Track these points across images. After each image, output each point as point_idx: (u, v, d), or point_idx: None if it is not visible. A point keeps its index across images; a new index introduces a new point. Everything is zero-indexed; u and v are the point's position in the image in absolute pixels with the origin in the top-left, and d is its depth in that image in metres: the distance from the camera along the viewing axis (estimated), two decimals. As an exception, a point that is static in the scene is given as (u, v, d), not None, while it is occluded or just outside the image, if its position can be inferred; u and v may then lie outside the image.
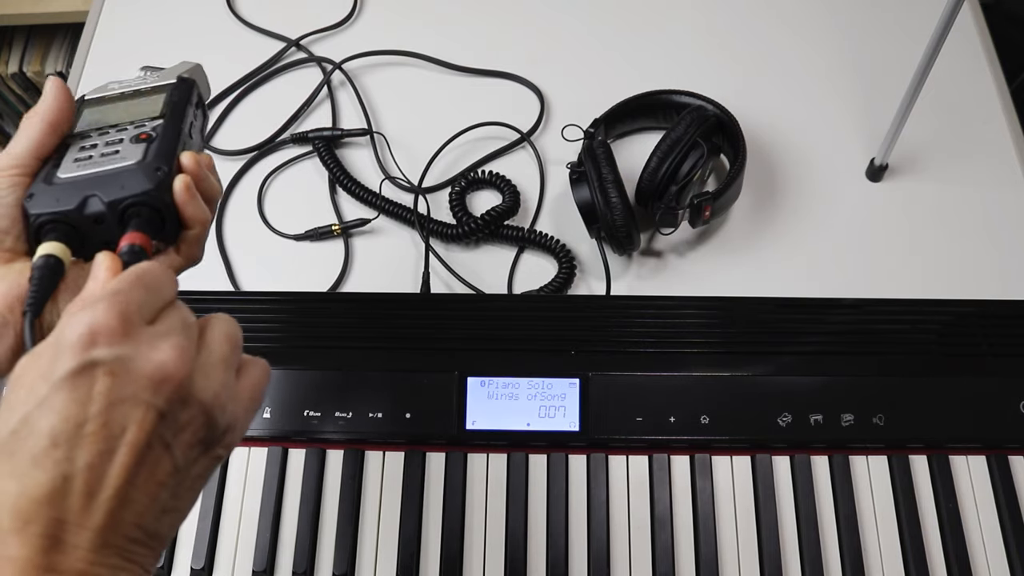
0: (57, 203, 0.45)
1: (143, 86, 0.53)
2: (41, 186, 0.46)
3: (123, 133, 0.49)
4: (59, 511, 0.33)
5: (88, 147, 0.48)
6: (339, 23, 1.02)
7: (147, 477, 0.36)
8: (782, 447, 0.69)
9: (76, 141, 0.48)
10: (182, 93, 0.52)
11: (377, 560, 0.66)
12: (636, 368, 0.70)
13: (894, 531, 0.66)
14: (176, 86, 0.53)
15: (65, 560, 0.33)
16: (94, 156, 0.47)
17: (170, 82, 0.53)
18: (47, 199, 0.45)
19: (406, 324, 0.73)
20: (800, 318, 0.74)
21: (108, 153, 0.47)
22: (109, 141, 0.48)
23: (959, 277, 0.83)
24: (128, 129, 0.49)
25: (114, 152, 0.47)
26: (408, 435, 0.69)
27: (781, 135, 0.92)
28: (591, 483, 0.68)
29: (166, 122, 0.50)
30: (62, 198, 0.45)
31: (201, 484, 0.39)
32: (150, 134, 0.48)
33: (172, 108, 0.51)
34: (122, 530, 0.35)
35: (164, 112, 0.50)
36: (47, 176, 0.46)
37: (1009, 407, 0.69)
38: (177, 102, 0.51)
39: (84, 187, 0.45)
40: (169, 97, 0.52)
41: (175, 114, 0.51)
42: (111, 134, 0.49)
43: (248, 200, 0.90)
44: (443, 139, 0.91)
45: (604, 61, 0.99)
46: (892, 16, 1.01)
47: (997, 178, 0.89)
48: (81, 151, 0.48)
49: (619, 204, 0.78)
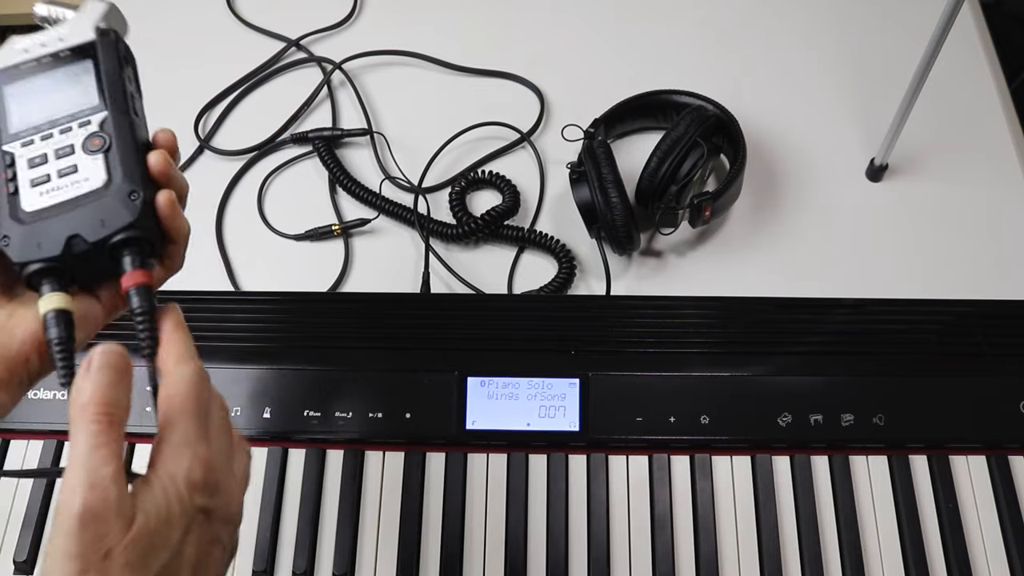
0: (40, 249, 0.43)
1: (59, 48, 0.48)
2: (11, 224, 0.44)
3: (70, 137, 0.46)
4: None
5: (38, 160, 0.45)
6: (339, 23, 1.02)
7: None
8: (782, 447, 0.69)
9: (19, 150, 0.45)
10: (110, 56, 0.48)
11: (377, 560, 0.66)
12: (636, 368, 0.70)
13: (894, 531, 0.66)
14: (102, 46, 0.48)
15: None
16: (52, 176, 0.45)
17: (89, 39, 0.48)
18: (27, 244, 0.43)
19: (406, 324, 0.73)
20: (800, 318, 0.74)
21: (66, 171, 0.45)
22: (59, 150, 0.45)
23: (959, 277, 0.83)
24: (73, 128, 0.46)
25: (72, 169, 0.45)
26: (408, 435, 0.69)
27: (781, 135, 0.92)
28: (591, 483, 0.68)
29: (113, 115, 0.46)
30: (44, 243, 0.43)
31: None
32: (103, 138, 0.45)
33: (111, 88, 0.47)
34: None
35: (103, 98, 0.46)
36: (12, 208, 0.44)
37: (1009, 407, 0.69)
38: (111, 75, 0.47)
39: (61, 226, 0.43)
40: (100, 69, 0.47)
41: (116, 98, 0.47)
42: (56, 137, 0.46)
43: (248, 200, 0.90)
44: (443, 139, 0.91)
45: (604, 61, 0.99)
46: (892, 16, 1.01)
47: (997, 178, 0.89)
48: (33, 168, 0.45)
49: (619, 204, 0.78)
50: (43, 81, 0.47)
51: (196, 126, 0.94)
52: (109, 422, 0.38)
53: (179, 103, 0.95)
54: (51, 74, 0.47)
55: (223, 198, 0.89)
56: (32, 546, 0.66)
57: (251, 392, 0.69)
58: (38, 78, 0.47)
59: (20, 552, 0.65)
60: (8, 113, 0.47)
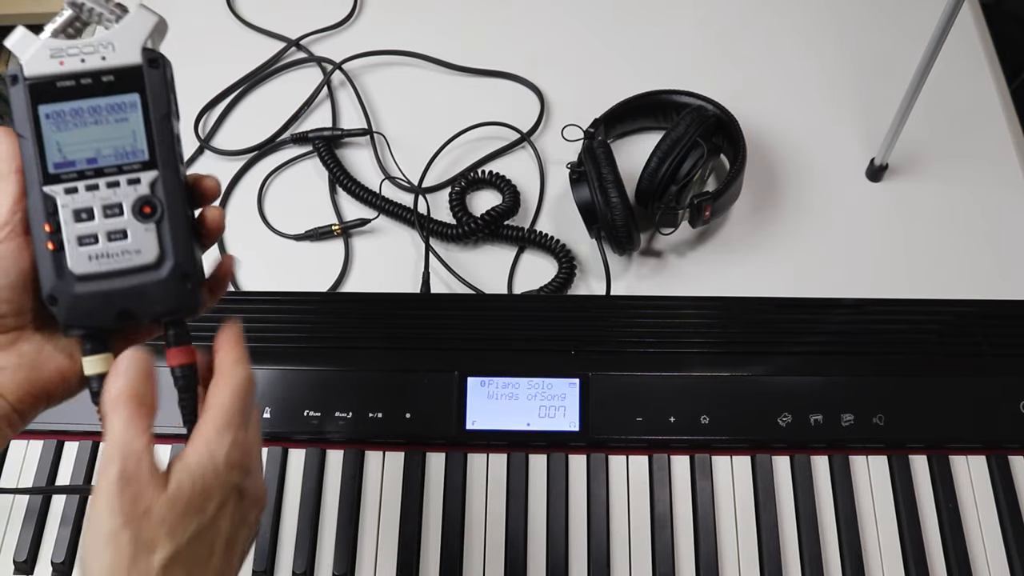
0: (91, 318, 0.44)
1: (101, 67, 0.44)
2: (58, 284, 0.43)
3: (118, 194, 0.43)
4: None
5: (84, 214, 0.43)
6: (339, 23, 1.02)
7: (239, 559, 0.45)
8: (782, 447, 0.69)
9: (62, 196, 0.43)
10: (159, 95, 0.44)
11: (377, 560, 0.66)
12: (636, 368, 0.70)
13: (894, 531, 0.66)
14: (149, 79, 0.44)
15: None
16: (100, 238, 0.43)
17: (135, 63, 0.44)
18: (76, 310, 0.43)
19: (406, 324, 0.73)
20: (800, 318, 0.74)
21: (115, 235, 0.43)
22: (107, 208, 0.43)
23: (959, 277, 0.83)
24: (121, 184, 0.44)
25: (121, 234, 0.44)
26: (408, 435, 0.69)
27: (781, 135, 0.92)
28: (591, 483, 0.68)
29: (164, 175, 0.44)
30: (94, 313, 0.43)
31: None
32: (154, 205, 0.44)
33: (160, 138, 0.44)
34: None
35: (152, 150, 0.44)
36: (58, 267, 0.43)
37: (1009, 407, 0.69)
38: (161, 122, 0.44)
39: (113, 299, 0.43)
40: (149, 112, 0.44)
41: (166, 153, 0.44)
42: (103, 191, 0.43)
43: (248, 200, 0.90)
44: (443, 139, 0.91)
45: (604, 61, 0.99)
46: (892, 16, 1.01)
47: (997, 178, 0.89)
48: (79, 223, 0.43)
49: (619, 204, 0.78)
50: (83, 108, 0.44)
51: (196, 126, 0.94)
52: (139, 405, 0.41)
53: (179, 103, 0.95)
54: (93, 102, 0.44)
55: (223, 198, 0.89)
56: (32, 546, 0.66)
57: (251, 392, 0.69)
58: (77, 103, 0.44)
59: (20, 552, 0.65)
60: (46, 141, 0.43)
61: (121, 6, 0.46)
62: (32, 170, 0.43)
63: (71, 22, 0.46)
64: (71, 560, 0.66)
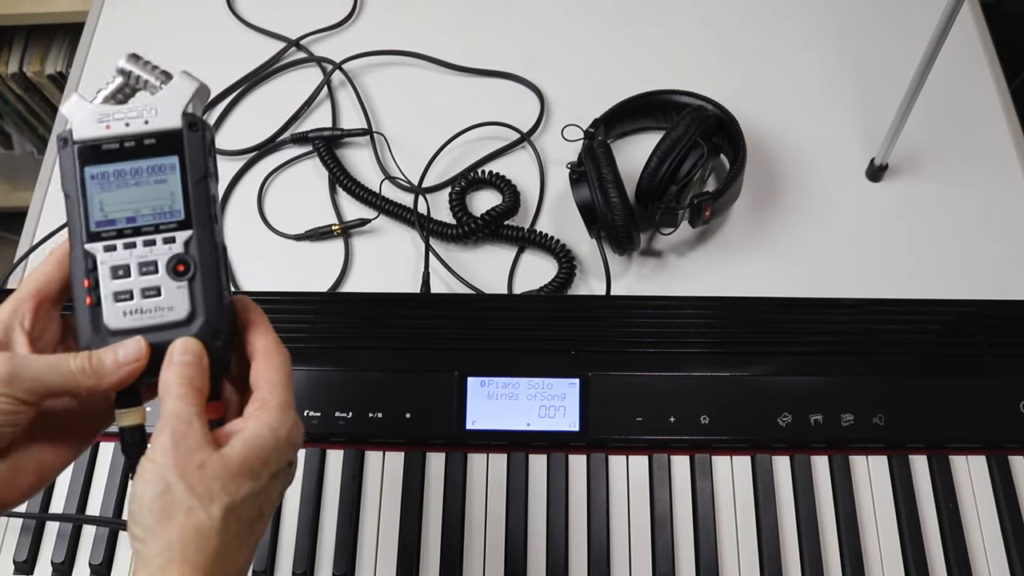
0: None
1: (144, 131, 0.46)
2: (94, 339, 0.45)
3: (154, 252, 0.45)
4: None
5: (121, 272, 0.45)
6: (339, 23, 1.02)
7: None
8: (782, 447, 0.69)
9: (101, 254, 0.45)
10: (197, 158, 0.46)
11: (377, 560, 0.66)
12: (636, 368, 0.70)
13: (894, 531, 0.66)
14: (188, 143, 0.46)
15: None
16: (135, 295, 0.45)
17: (176, 127, 0.46)
18: None
19: (406, 324, 0.73)
20: (800, 318, 0.74)
21: (149, 292, 0.45)
22: (143, 265, 0.45)
23: (959, 277, 0.83)
24: (157, 243, 0.45)
25: (155, 292, 0.45)
26: (408, 435, 0.69)
27: (781, 135, 0.92)
28: (591, 483, 0.68)
29: (198, 235, 0.46)
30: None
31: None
32: (187, 263, 0.45)
33: (196, 199, 0.46)
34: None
35: (188, 210, 0.46)
36: (95, 321, 0.45)
37: (1009, 407, 0.69)
38: (198, 184, 0.46)
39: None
40: (187, 175, 0.46)
41: (201, 214, 0.46)
42: (139, 249, 0.45)
43: (248, 200, 0.90)
44: (443, 139, 0.91)
45: (604, 61, 0.99)
46: (892, 16, 1.01)
47: (997, 178, 0.89)
48: (116, 280, 0.45)
49: (619, 204, 0.78)
50: (126, 169, 0.46)
51: (196, 126, 0.94)
52: (191, 386, 0.43)
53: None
54: (135, 163, 0.46)
55: (223, 198, 0.89)
56: (32, 546, 0.66)
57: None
58: (120, 165, 0.46)
59: (20, 552, 0.65)
60: (90, 202, 0.45)
61: (167, 73, 0.48)
62: (76, 228, 0.45)
63: (120, 88, 0.48)
64: (71, 560, 0.66)
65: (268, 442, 0.43)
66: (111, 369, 0.43)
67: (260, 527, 0.44)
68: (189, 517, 0.41)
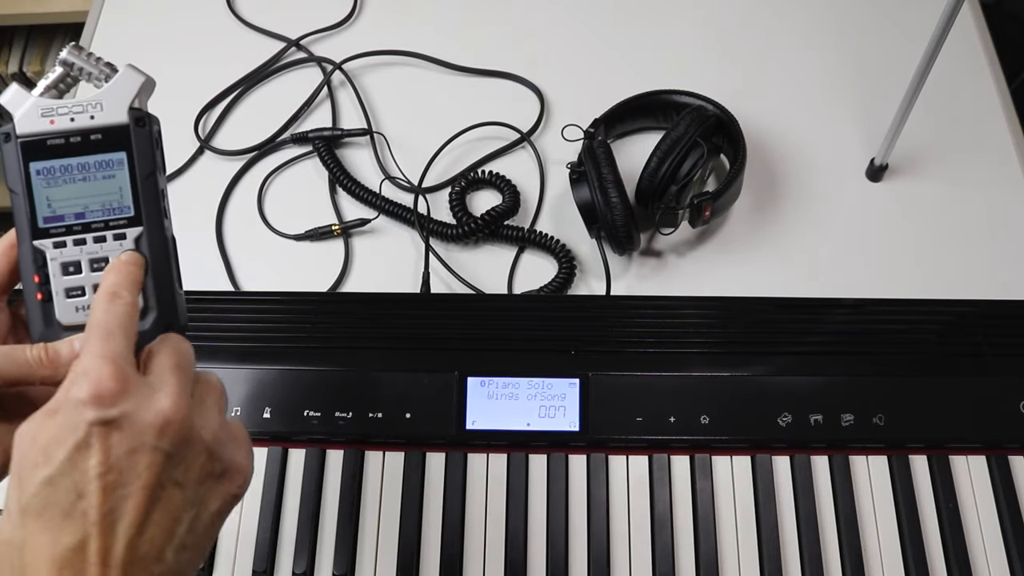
0: None
1: (89, 125, 0.45)
2: (46, 332, 0.45)
3: (104, 249, 0.45)
4: (87, 554, 0.38)
5: (71, 268, 0.45)
6: (339, 23, 1.02)
7: (163, 513, 0.40)
8: (782, 447, 0.69)
9: (51, 250, 0.45)
10: (145, 153, 0.46)
11: (377, 560, 0.66)
12: (636, 368, 0.70)
13: (894, 531, 0.66)
14: (136, 137, 0.46)
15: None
16: (86, 290, 0.45)
17: (122, 122, 0.46)
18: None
19: (406, 324, 0.73)
20: (800, 318, 0.74)
21: None
22: (94, 261, 0.45)
23: (959, 277, 0.83)
24: (107, 239, 0.45)
25: None
26: (408, 435, 0.69)
27: (781, 135, 0.92)
28: (591, 483, 0.68)
29: (148, 231, 0.46)
30: None
31: (219, 522, 0.43)
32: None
33: (146, 194, 0.46)
34: (144, 565, 0.39)
35: (138, 206, 0.46)
36: (46, 316, 0.45)
37: (1009, 407, 0.69)
38: (147, 178, 0.46)
39: None
40: (135, 169, 0.46)
41: (151, 209, 0.46)
42: (90, 245, 0.45)
43: (248, 200, 0.90)
44: (443, 139, 0.91)
45: (604, 61, 0.99)
46: (892, 16, 1.01)
47: (997, 178, 0.89)
48: (67, 276, 0.45)
49: (619, 204, 0.78)
50: (72, 164, 0.45)
51: (196, 126, 0.94)
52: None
53: (179, 103, 0.95)
54: (81, 159, 0.45)
55: (223, 198, 0.89)
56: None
57: (251, 392, 0.69)
58: (66, 160, 0.45)
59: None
60: (37, 198, 0.45)
61: (110, 65, 0.47)
62: (23, 224, 0.45)
63: (61, 79, 0.48)
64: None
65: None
66: (67, 360, 0.43)
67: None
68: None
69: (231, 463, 0.44)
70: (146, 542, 0.39)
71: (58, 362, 0.43)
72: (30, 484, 0.39)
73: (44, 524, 0.38)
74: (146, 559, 0.39)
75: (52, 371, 0.43)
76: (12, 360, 0.43)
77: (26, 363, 0.43)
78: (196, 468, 0.42)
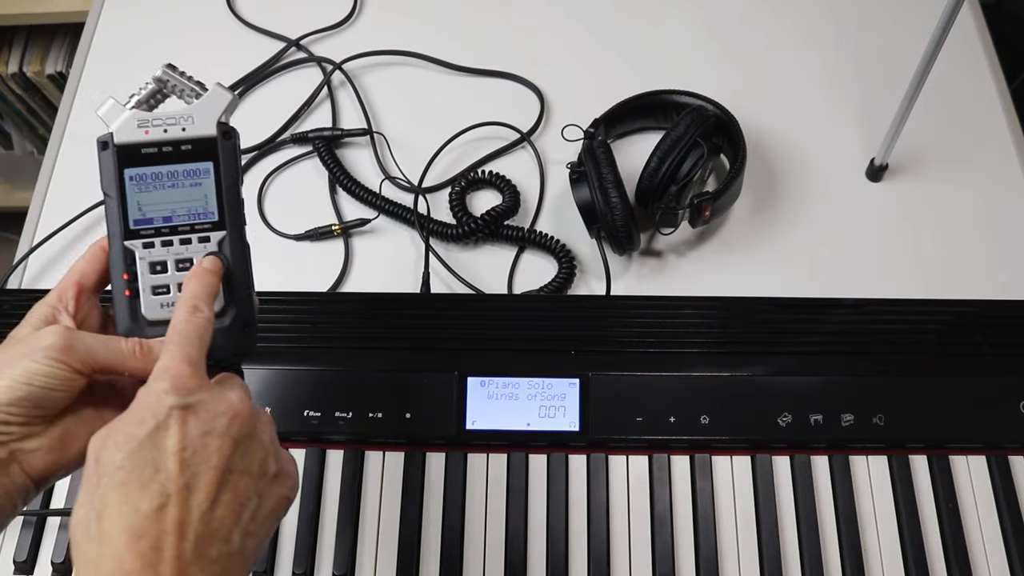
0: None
1: (181, 137, 0.49)
2: (132, 327, 0.49)
3: (189, 250, 0.49)
4: (164, 523, 0.41)
5: (159, 267, 0.49)
6: (339, 23, 1.02)
7: (231, 495, 0.43)
8: (782, 447, 0.69)
9: (140, 250, 0.49)
10: (231, 164, 0.50)
11: (377, 560, 0.66)
12: (636, 368, 0.70)
13: (894, 531, 0.66)
14: (223, 150, 0.50)
15: (167, 570, 0.40)
16: (171, 288, 0.49)
17: (211, 135, 0.50)
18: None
19: (406, 324, 0.73)
20: (800, 318, 0.74)
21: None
22: (179, 262, 0.49)
23: (959, 277, 0.83)
24: (192, 242, 0.49)
25: None
26: (408, 435, 0.69)
27: (781, 135, 0.92)
28: (591, 483, 0.68)
29: (231, 236, 0.49)
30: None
31: (275, 520, 0.46)
32: (221, 262, 0.49)
33: (230, 202, 0.50)
34: (213, 543, 0.42)
35: (222, 212, 0.49)
36: (132, 311, 0.49)
37: (1009, 407, 0.69)
38: (231, 188, 0.50)
39: None
40: (221, 179, 0.49)
41: (234, 215, 0.50)
42: (176, 247, 0.49)
43: (248, 200, 0.90)
44: (443, 139, 0.91)
45: (604, 61, 0.99)
46: (892, 16, 1.01)
47: (997, 178, 0.89)
48: (154, 274, 0.49)
49: (619, 204, 0.78)
50: (163, 172, 0.49)
51: (196, 126, 0.94)
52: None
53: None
54: (172, 167, 0.49)
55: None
56: (32, 546, 0.66)
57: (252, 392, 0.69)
58: (158, 168, 0.49)
59: (20, 552, 0.65)
60: (129, 202, 0.49)
61: (201, 84, 0.52)
62: (115, 225, 0.49)
63: (153, 95, 0.52)
64: (71, 560, 0.66)
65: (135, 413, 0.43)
66: (157, 356, 0.46)
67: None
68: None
69: (284, 467, 0.47)
70: (216, 519, 0.42)
71: (150, 357, 0.46)
72: (111, 461, 0.42)
73: (123, 495, 0.41)
74: (216, 536, 0.42)
75: (143, 364, 0.46)
76: (110, 349, 0.46)
77: (120, 353, 0.47)
78: (257, 463, 0.45)
